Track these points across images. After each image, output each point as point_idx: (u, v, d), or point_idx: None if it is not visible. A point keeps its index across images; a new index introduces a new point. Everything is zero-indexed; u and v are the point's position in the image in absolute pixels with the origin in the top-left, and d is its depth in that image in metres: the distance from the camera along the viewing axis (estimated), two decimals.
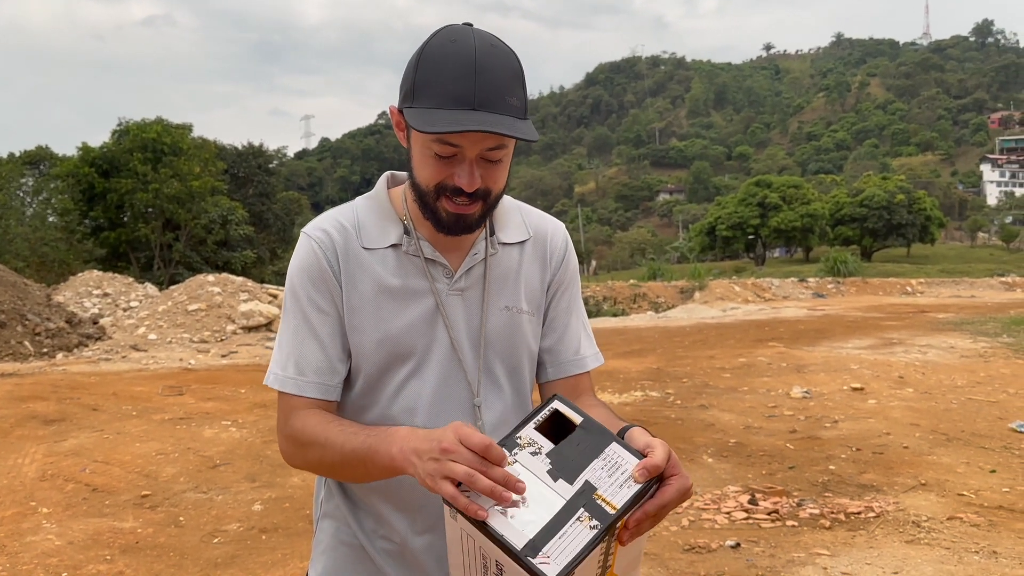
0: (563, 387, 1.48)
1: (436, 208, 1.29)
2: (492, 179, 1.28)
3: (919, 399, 8.41)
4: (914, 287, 33.21)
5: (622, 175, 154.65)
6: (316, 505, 1.51)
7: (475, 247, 1.40)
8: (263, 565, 4.28)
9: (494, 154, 1.26)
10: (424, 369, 1.35)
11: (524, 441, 1.11)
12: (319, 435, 1.29)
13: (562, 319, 1.49)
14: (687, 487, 1.10)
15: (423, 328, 1.35)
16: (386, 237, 1.37)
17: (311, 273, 1.34)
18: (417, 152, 1.28)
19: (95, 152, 34.60)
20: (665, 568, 4.11)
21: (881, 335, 14.84)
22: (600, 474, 1.07)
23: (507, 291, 1.42)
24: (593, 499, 1.04)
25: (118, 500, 5.41)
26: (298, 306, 1.36)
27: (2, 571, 4.21)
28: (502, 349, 1.40)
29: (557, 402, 1.15)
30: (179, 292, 17.33)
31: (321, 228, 1.37)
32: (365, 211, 1.40)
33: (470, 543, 1.07)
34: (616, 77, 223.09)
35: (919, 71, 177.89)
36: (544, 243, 1.48)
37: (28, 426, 7.64)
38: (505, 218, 1.45)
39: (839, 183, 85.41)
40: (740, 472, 5.82)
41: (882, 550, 4.27)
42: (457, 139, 1.22)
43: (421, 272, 1.36)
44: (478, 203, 1.28)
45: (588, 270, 67.99)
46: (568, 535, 1.01)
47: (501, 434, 1.35)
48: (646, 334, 16.53)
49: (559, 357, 1.49)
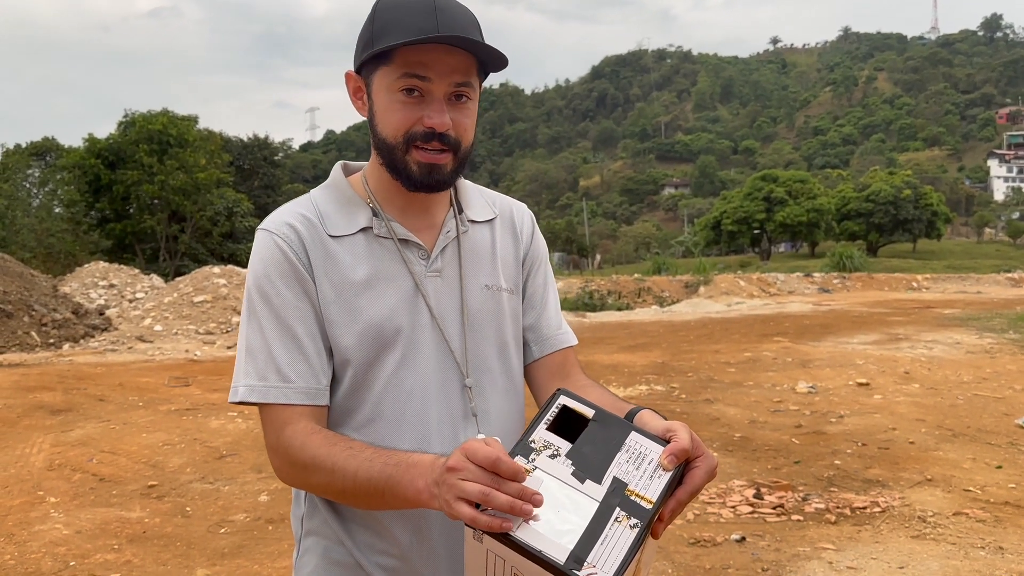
0: (551, 365, 1.43)
1: (407, 162, 1.24)
2: (462, 127, 1.24)
3: (925, 395, 8.39)
4: (920, 283, 33.12)
5: (627, 169, 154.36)
6: (296, 521, 1.38)
7: (446, 225, 1.35)
8: (269, 555, 4.30)
9: (462, 90, 1.22)
10: (412, 355, 1.28)
11: (539, 444, 1.04)
12: (324, 460, 1.17)
13: (540, 294, 1.46)
14: (713, 466, 1.08)
15: (405, 312, 1.28)
16: (354, 222, 1.30)
17: (280, 270, 1.25)
18: (382, 103, 1.24)
19: (101, 144, 34.67)
20: (671, 562, 4.11)
21: (887, 330, 14.81)
22: (627, 468, 1.02)
23: (484, 269, 1.37)
24: (626, 496, 1.00)
25: (125, 490, 5.43)
26: (269, 308, 1.25)
27: (11, 560, 4.23)
28: (487, 328, 1.35)
29: (564, 397, 1.10)
30: (185, 284, 17.37)
31: (283, 222, 1.28)
32: (325, 200, 1.33)
33: (499, 565, 0.99)
34: (622, 70, 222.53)
35: (927, 65, 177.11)
36: (511, 220, 1.46)
37: (35, 416, 7.67)
38: (470, 197, 1.42)
39: (845, 178, 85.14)
40: (745, 466, 5.82)
41: (888, 545, 4.27)
42: (425, 70, 1.19)
43: (395, 255, 1.30)
44: (449, 154, 1.24)
45: (592, 264, 67.93)
46: (610, 539, 0.96)
47: (495, 421, 1.33)
48: (651, 328, 16.52)
49: (542, 333, 1.44)
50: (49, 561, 4.21)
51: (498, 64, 1.26)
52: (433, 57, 1.19)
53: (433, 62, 1.19)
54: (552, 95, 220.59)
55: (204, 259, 32.54)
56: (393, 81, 1.21)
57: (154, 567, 4.15)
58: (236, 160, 41.53)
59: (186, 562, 4.22)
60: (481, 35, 1.24)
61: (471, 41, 1.18)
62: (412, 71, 1.20)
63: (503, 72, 1.30)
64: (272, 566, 4.16)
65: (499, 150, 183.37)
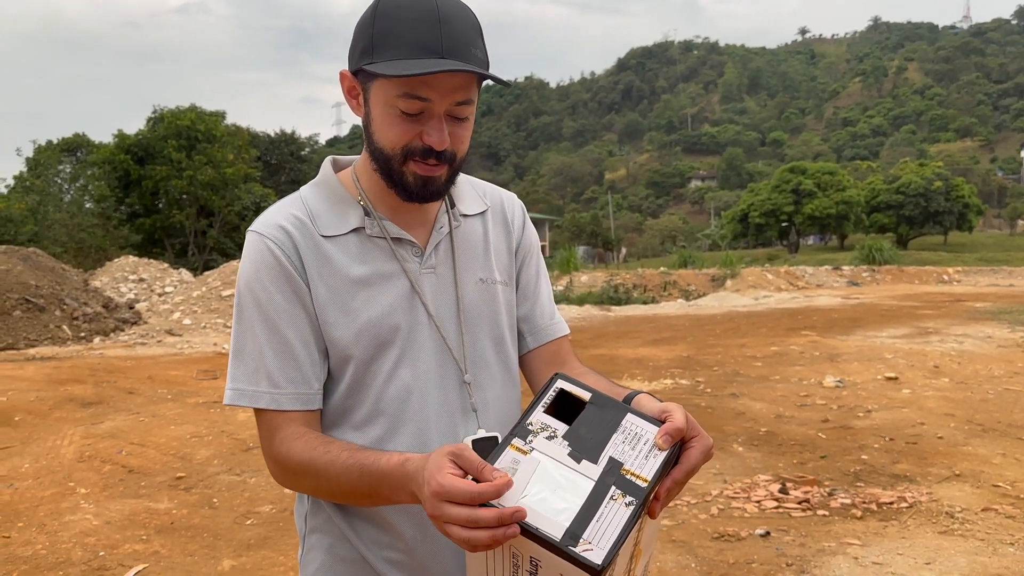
0: (546, 355, 1.44)
1: (403, 173, 1.23)
2: (458, 140, 1.23)
3: (955, 389, 8.28)
4: (951, 275, 32.65)
5: (653, 162, 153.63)
6: (299, 519, 1.38)
7: (439, 221, 1.34)
8: (294, 547, 4.33)
9: (462, 110, 1.21)
10: (410, 353, 1.27)
11: (536, 427, 1.05)
12: (307, 466, 1.20)
13: (533, 285, 1.46)
14: (709, 446, 1.07)
15: (401, 311, 1.27)
16: (345, 222, 1.28)
17: (272, 274, 1.24)
18: (379, 114, 1.21)
19: (131, 139, 35.09)
20: (694, 556, 4.10)
21: (916, 324, 14.63)
22: (623, 448, 1.03)
23: (478, 263, 1.37)
24: (622, 475, 1.01)
25: (154, 481, 5.51)
26: (260, 312, 1.24)
27: (42, 549, 4.31)
28: (483, 323, 1.35)
29: (561, 381, 1.11)
30: (213, 278, 17.56)
31: (273, 224, 1.26)
32: (315, 199, 1.31)
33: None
34: (648, 62, 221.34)
35: (959, 55, 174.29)
36: (502, 211, 1.45)
37: (66, 408, 7.80)
38: (461, 190, 1.41)
39: (875, 170, 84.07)
40: (771, 461, 5.78)
41: (915, 540, 4.23)
42: (427, 91, 1.17)
43: (389, 254, 1.29)
44: (444, 166, 1.23)
45: (618, 258, 67.69)
46: (605, 516, 0.97)
47: (495, 415, 1.33)
48: (676, 322, 16.44)
49: (536, 324, 1.44)
50: (79, 551, 4.28)
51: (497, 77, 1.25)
52: (434, 79, 1.17)
53: (435, 82, 1.17)
54: (577, 88, 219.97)
55: (232, 253, 32.86)
56: (392, 97, 1.19)
57: (181, 558, 4.20)
58: (263, 155, 41.86)
59: (213, 553, 4.27)
60: (482, 39, 1.22)
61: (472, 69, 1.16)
62: (413, 92, 1.17)
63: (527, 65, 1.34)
64: (296, 557, 4.19)
65: (524, 144, 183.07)
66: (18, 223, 27.20)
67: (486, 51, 1.22)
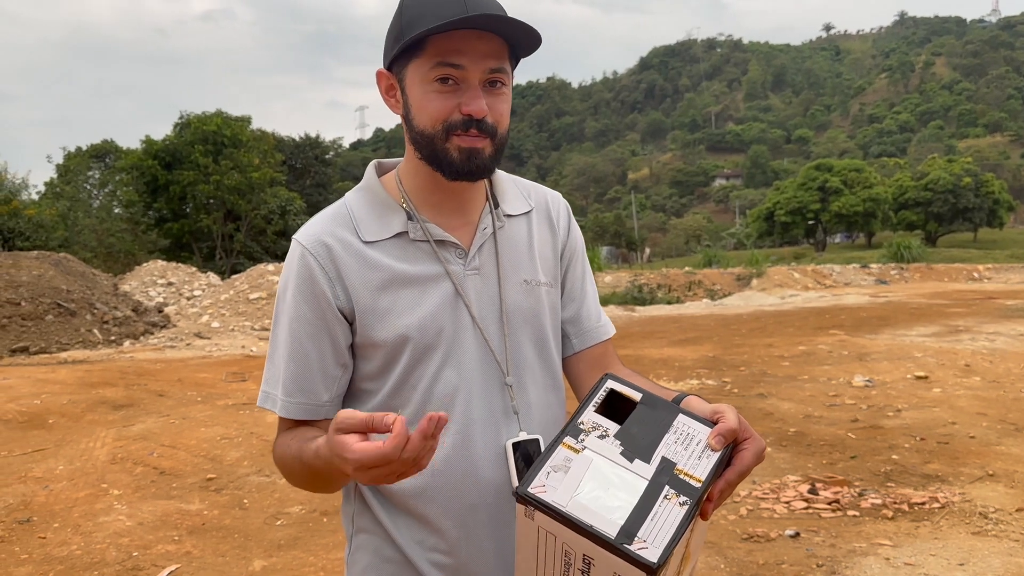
0: (591, 357, 1.44)
1: (447, 150, 1.23)
2: (498, 112, 1.24)
3: (986, 388, 8.17)
4: (981, 273, 32.21)
5: (677, 160, 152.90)
6: (346, 520, 1.39)
7: (483, 221, 1.34)
8: (324, 547, 4.37)
9: (496, 76, 1.22)
10: (454, 356, 1.28)
11: (588, 425, 1.06)
12: (279, 461, 1.29)
13: (579, 287, 1.45)
14: (762, 448, 1.07)
15: (446, 314, 1.28)
16: (388, 227, 1.30)
17: (302, 285, 1.27)
18: (416, 96, 1.24)
19: (158, 145, 35.50)
20: (723, 557, 4.08)
21: (946, 322, 14.45)
22: (675, 448, 1.03)
23: (523, 264, 1.36)
24: (675, 474, 1.01)
25: (185, 483, 5.57)
26: (287, 321, 1.29)
27: (77, 550, 4.38)
28: (526, 324, 1.34)
29: (611, 381, 1.11)
30: (240, 281, 17.72)
31: (314, 235, 1.29)
32: (359, 205, 1.33)
33: (551, 542, 1.02)
34: (671, 61, 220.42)
35: (987, 49, 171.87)
36: (547, 212, 1.44)
37: (98, 411, 7.91)
38: (504, 190, 1.40)
39: (903, 166, 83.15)
40: (800, 461, 5.74)
41: (947, 541, 4.18)
42: (459, 57, 1.18)
43: (433, 257, 1.29)
44: (487, 139, 1.23)
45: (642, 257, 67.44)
46: (660, 515, 0.97)
47: (537, 417, 1.33)
48: (702, 322, 16.35)
49: (583, 326, 1.44)
50: (113, 551, 4.34)
51: (531, 44, 1.25)
52: (465, 44, 1.19)
53: (466, 48, 1.19)
54: (600, 88, 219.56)
55: (259, 257, 33.16)
56: (427, 72, 1.21)
57: (213, 558, 4.25)
58: (289, 159, 42.18)
59: (244, 553, 4.32)
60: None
61: (502, 20, 1.17)
62: (445, 59, 1.19)
63: (550, 66, 1.31)
64: (327, 557, 4.23)
65: (546, 144, 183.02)
66: (49, 229, 27.62)
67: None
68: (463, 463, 1.27)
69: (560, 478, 1.01)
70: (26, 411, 7.87)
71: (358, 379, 1.33)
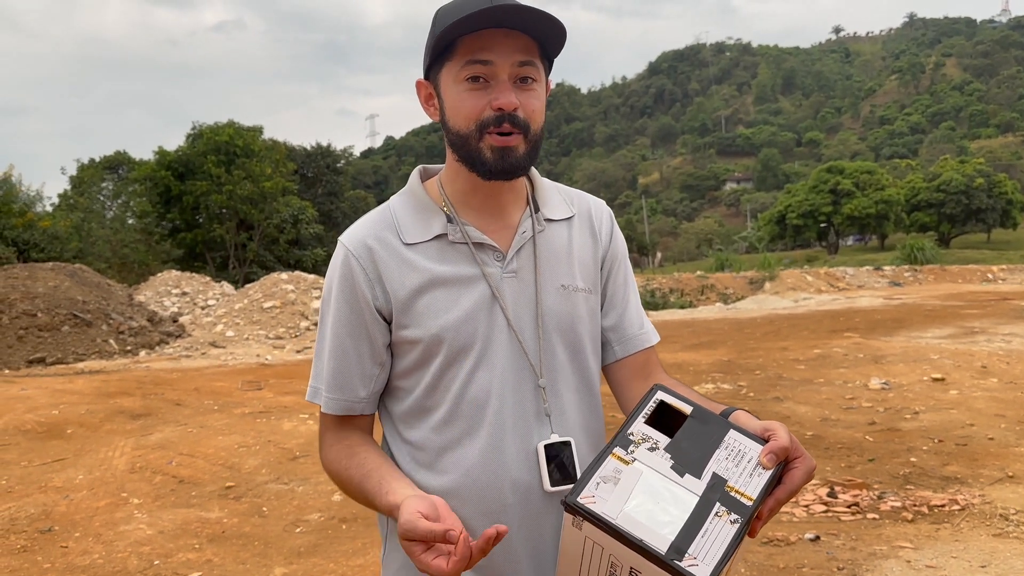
0: (633, 365, 1.44)
1: (480, 149, 1.26)
2: (530, 108, 1.26)
3: (1004, 389, 8.12)
4: (995, 274, 32.00)
5: (687, 165, 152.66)
6: (381, 521, 1.42)
7: (522, 225, 1.36)
8: (344, 554, 4.39)
9: (526, 71, 1.25)
10: (488, 357, 1.30)
11: (637, 437, 1.06)
12: (334, 476, 1.35)
13: (621, 294, 1.46)
14: (812, 467, 1.08)
15: (481, 315, 1.30)
16: (429, 229, 1.33)
17: (343, 285, 1.32)
18: (451, 98, 1.27)
19: (171, 156, 35.73)
20: (743, 561, 4.07)
21: (962, 324, 14.36)
22: (726, 465, 1.03)
23: (561, 269, 1.37)
24: (726, 491, 1.00)
25: (204, 491, 5.60)
26: (329, 320, 1.35)
27: (99, 559, 4.41)
28: (561, 329, 1.35)
29: (661, 393, 1.11)
30: (254, 290, 17.80)
31: (358, 237, 1.33)
32: (402, 208, 1.36)
33: (596, 552, 1.02)
34: (680, 65, 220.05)
35: (998, 49, 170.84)
36: (589, 218, 1.45)
37: (116, 421, 7.96)
38: (546, 195, 1.42)
39: (914, 168, 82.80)
40: (818, 465, 5.70)
41: (968, 543, 4.16)
42: (487, 54, 1.22)
43: (470, 259, 1.31)
44: (520, 135, 1.25)
45: (653, 262, 67.35)
46: (711, 532, 0.97)
47: (568, 421, 1.33)
48: (715, 326, 16.32)
49: (625, 333, 1.44)
50: (135, 560, 4.37)
51: (557, 39, 1.27)
52: (493, 41, 1.22)
53: (493, 45, 1.22)
54: (609, 93, 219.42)
55: (272, 266, 33.28)
56: (458, 72, 1.24)
57: (233, 566, 4.27)
58: (300, 168, 42.36)
59: (264, 561, 4.34)
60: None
61: (522, 10, 1.19)
62: (474, 57, 1.22)
63: (559, 71, 1.30)
64: (347, 564, 4.25)
65: (556, 150, 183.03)
66: (64, 240, 27.84)
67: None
68: (495, 464, 1.29)
69: (610, 489, 1.00)
70: (44, 421, 7.94)
71: (394, 377, 1.36)
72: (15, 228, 26.67)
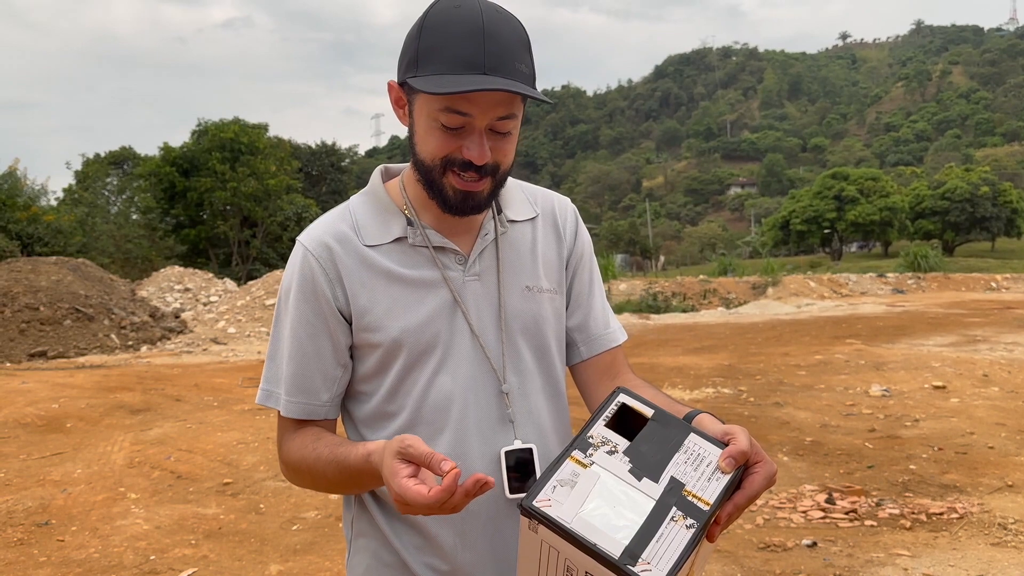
0: (599, 365, 1.41)
1: (442, 185, 1.22)
2: (502, 153, 1.22)
3: (1005, 398, 8.10)
4: (999, 282, 31.93)
5: (692, 169, 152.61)
6: (346, 525, 1.39)
7: (484, 228, 1.33)
8: (340, 552, 4.39)
9: (504, 124, 1.19)
10: (450, 362, 1.28)
11: (597, 440, 1.04)
12: (300, 463, 1.29)
13: (586, 294, 1.43)
14: (773, 472, 1.05)
15: (442, 320, 1.28)
16: (388, 232, 1.30)
17: (303, 287, 1.28)
18: (422, 125, 1.21)
19: (175, 152, 35.82)
20: (740, 566, 4.06)
21: (964, 332, 14.34)
22: (685, 468, 1.01)
23: (525, 270, 1.35)
24: (683, 496, 0.99)
25: (201, 487, 5.60)
26: (288, 321, 1.30)
27: (95, 553, 4.41)
28: (526, 331, 1.33)
29: (623, 395, 1.09)
30: (257, 287, 17.81)
31: (316, 237, 1.30)
32: (362, 209, 1.33)
33: (553, 556, 1.00)
34: (686, 69, 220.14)
35: (1005, 58, 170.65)
36: (554, 218, 1.42)
37: (116, 415, 7.96)
38: (509, 195, 1.38)
39: (919, 175, 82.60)
40: (817, 471, 5.71)
41: (966, 552, 4.14)
42: (467, 107, 1.16)
43: (431, 262, 1.29)
44: (487, 179, 1.22)
45: (656, 266, 67.30)
46: (665, 537, 0.96)
47: (534, 425, 1.31)
48: (717, 331, 16.30)
49: (591, 333, 1.42)
50: (131, 555, 4.37)
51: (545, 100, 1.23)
52: (476, 95, 1.16)
53: (476, 98, 1.16)
54: (614, 96, 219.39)
55: (275, 263, 33.34)
56: (434, 111, 1.18)
57: (229, 562, 4.27)
58: (305, 166, 42.46)
59: (260, 558, 4.34)
60: (529, 53, 1.21)
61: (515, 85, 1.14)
62: (454, 107, 1.16)
63: (564, 74, 1.29)
64: (342, 562, 4.23)
65: (561, 152, 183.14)
66: (67, 235, 27.88)
67: (533, 66, 1.20)
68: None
69: (566, 493, 0.99)
70: (44, 415, 7.95)
71: (355, 381, 1.33)
72: (19, 222, 26.72)
